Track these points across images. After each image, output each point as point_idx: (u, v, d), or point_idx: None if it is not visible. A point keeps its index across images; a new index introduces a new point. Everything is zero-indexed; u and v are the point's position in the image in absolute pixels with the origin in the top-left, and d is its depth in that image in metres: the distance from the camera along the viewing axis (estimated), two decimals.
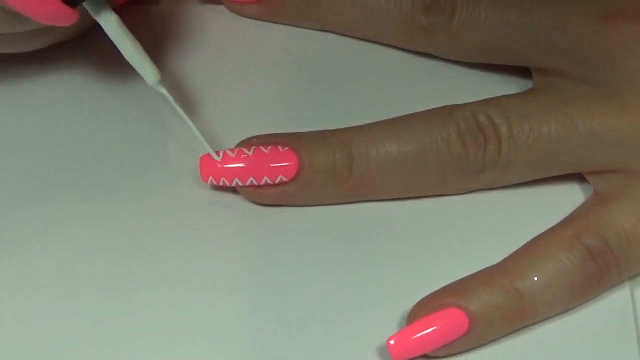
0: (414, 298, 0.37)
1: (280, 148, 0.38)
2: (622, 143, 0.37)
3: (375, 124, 0.39)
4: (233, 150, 0.38)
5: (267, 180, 0.38)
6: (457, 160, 0.38)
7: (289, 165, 0.38)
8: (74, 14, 0.35)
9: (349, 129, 0.39)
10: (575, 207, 0.39)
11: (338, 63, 0.43)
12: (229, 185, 0.38)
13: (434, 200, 0.39)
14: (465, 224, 0.39)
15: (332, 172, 0.38)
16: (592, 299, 0.37)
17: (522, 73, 0.41)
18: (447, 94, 0.40)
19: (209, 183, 0.39)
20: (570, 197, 0.39)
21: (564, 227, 0.38)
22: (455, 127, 0.38)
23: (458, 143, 0.38)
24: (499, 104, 0.38)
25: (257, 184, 0.38)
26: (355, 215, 0.39)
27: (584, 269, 0.36)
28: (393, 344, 0.36)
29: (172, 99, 0.38)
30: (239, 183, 0.38)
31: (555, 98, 0.38)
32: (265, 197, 0.39)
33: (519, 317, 0.36)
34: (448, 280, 0.37)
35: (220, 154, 0.38)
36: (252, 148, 0.38)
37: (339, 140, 0.38)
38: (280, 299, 0.37)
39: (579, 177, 0.39)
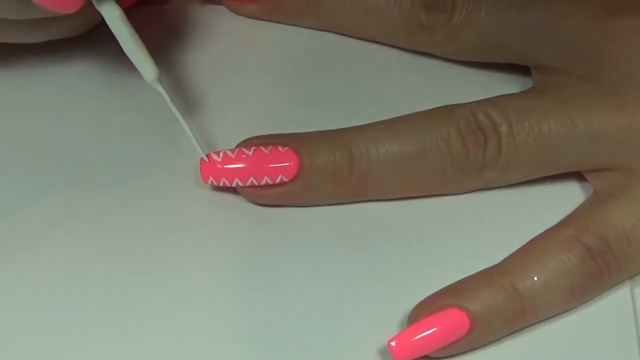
0: (415, 298, 0.37)
1: (281, 148, 0.38)
2: (622, 141, 0.37)
3: (375, 124, 0.39)
4: (233, 151, 0.38)
5: (267, 180, 0.38)
6: (457, 160, 0.38)
7: (289, 165, 0.38)
8: (80, 1, 0.35)
9: (349, 129, 0.39)
10: (575, 206, 0.39)
11: (338, 63, 0.43)
12: (229, 186, 0.38)
13: (434, 200, 0.39)
14: (465, 224, 0.39)
15: (332, 172, 0.38)
16: (592, 299, 0.37)
17: (521, 72, 0.41)
18: (447, 94, 0.40)
19: (209, 183, 0.39)
20: (570, 196, 0.39)
21: (564, 226, 0.38)
22: (455, 126, 0.38)
23: (458, 142, 0.38)
24: (499, 103, 0.38)
25: (257, 184, 0.38)
26: (355, 215, 0.39)
27: (584, 269, 0.36)
28: (394, 345, 0.35)
29: (168, 98, 0.38)
30: (239, 183, 0.38)
31: (555, 96, 0.38)
32: (266, 197, 0.39)
33: (519, 317, 0.36)
34: (448, 280, 0.37)
35: (220, 154, 0.38)
36: (252, 148, 0.38)
37: (339, 140, 0.38)
38: (281, 299, 0.37)
39: (579, 176, 0.39)
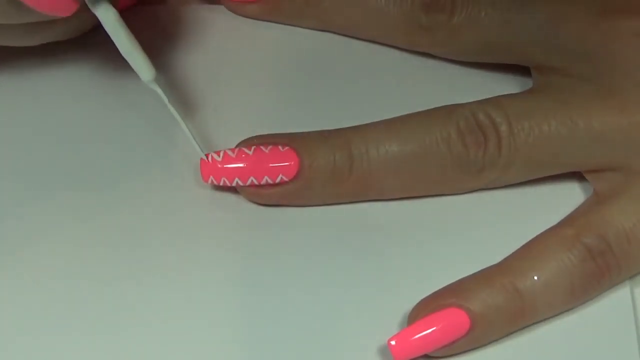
0: (415, 298, 0.37)
1: (281, 148, 0.38)
2: (622, 141, 0.37)
3: (375, 124, 0.39)
4: (233, 150, 0.38)
5: (267, 180, 0.38)
6: (457, 160, 0.38)
7: (289, 165, 0.38)
8: (74, 4, 0.35)
9: (349, 129, 0.39)
10: (575, 206, 0.39)
11: (338, 63, 0.43)
12: (230, 185, 0.38)
13: (434, 200, 0.39)
14: (465, 224, 0.39)
15: (332, 171, 0.38)
16: (592, 299, 0.37)
17: (521, 72, 0.41)
18: (447, 94, 0.40)
19: (209, 183, 0.39)
20: (570, 196, 0.39)
21: (564, 226, 0.38)
22: (455, 126, 0.38)
23: (458, 142, 0.38)
24: (499, 103, 0.38)
25: (257, 184, 0.38)
26: (355, 215, 0.39)
27: (584, 269, 0.36)
28: (394, 344, 0.36)
29: (165, 98, 0.38)
30: (240, 183, 0.38)
31: (555, 96, 0.38)
32: (266, 196, 0.39)
33: (519, 316, 0.36)
34: (448, 280, 0.37)
35: (221, 154, 0.38)
36: (252, 148, 0.38)
37: (339, 140, 0.38)
38: (281, 299, 0.37)
39: (579, 176, 0.40)
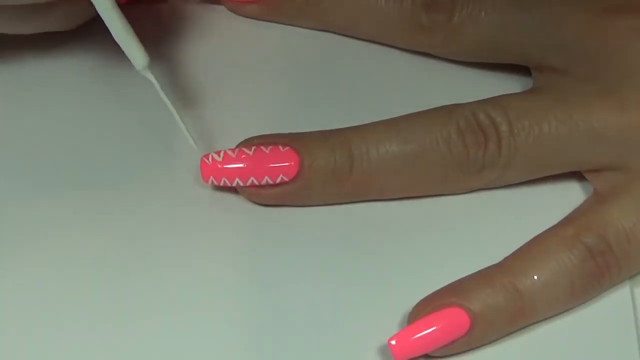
0: (415, 298, 0.37)
1: (281, 148, 0.38)
2: (622, 140, 0.37)
3: (375, 124, 0.39)
4: (233, 150, 0.38)
5: (267, 180, 0.38)
6: (457, 159, 0.38)
7: (290, 165, 0.38)
8: None
9: (349, 129, 0.39)
10: (575, 206, 0.39)
11: (338, 63, 0.43)
12: (230, 185, 0.38)
13: (434, 200, 0.39)
14: (465, 224, 0.39)
15: (332, 171, 0.38)
16: (592, 299, 0.37)
17: (521, 72, 0.42)
18: (447, 94, 0.40)
19: (210, 183, 0.39)
20: (570, 196, 0.39)
21: (564, 226, 0.38)
22: (455, 126, 0.38)
23: (458, 142, 0.38)
24: (499, 103, 0.38)
25: (257, 184, 0.38)
26: (355, 215, 0.39)
27: (584, 268, 0.36)
28: (394, 344, 0.36)
29: (158, 86, 0.38)
30: (240, 183, 0.38)
31: (555, 96, 0.38)
32: (266, 197, 0.39)
33: (519, 316, 0.36)
34: (448, 280, 0.37)
35: (221, 154, 0.38)
36: (252, 148, 0.38)
37: (339, 140, 0.38)
38: (281, 299, 0.37)
39: (579, 176, 0.40)
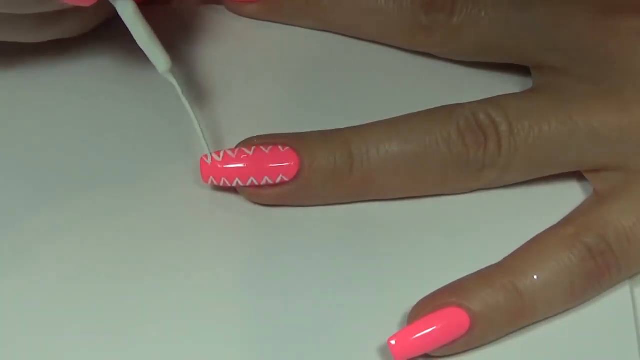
0: (415, 298, 0.37)
1: (281, 148, 0.38)
2: (622, 140, 0.37)
3: (375, 124, 0.39)
4: (233, 150, 0.38)
5: (267, 180, 0.38)
6: (457, 159, 0.38)
7: (290, 165, 0.38)
8: None
9: (349, 129, 0.39)
10: (575, 206, 0.39)
11: (338, 63, 0.43)
12: (230, 185, 0.38)
13: (434, 200, 0.39)
14: (465, 224, 0.39)
15: (332, 171, 0.38)
16: (591, 299, 0.37)
17: (522, 72, 0.41)
18: (447, 94, 0.40)
19: (209, 183, 0.39)
20: (570, 196, 0.39)
21: (564, 226, 0.38)
22: (455, 126, 0.38)
23: (458, 142, 0.38)
24: (499, 103, 0.38)
25: (257, 184, 0.38)
26: (355, 215, 0.39)
27: (584, 268, 0.36)
28: (394, 344, 0.35)
29: (180, 91, 0.38)
30: (240, 183, 0.38)
31: (555, 96, 0.38)
32: (266, 197, 0.39)
33: (519, 316, 0.36)
34: (448, 280, 0.37)
35: (221, 154, 0.38)
36: (252, 148, 0.38)
37: (339, 140, 0.38)
38: (281, 299, 0.37)
39: (579, 176, 0.40)
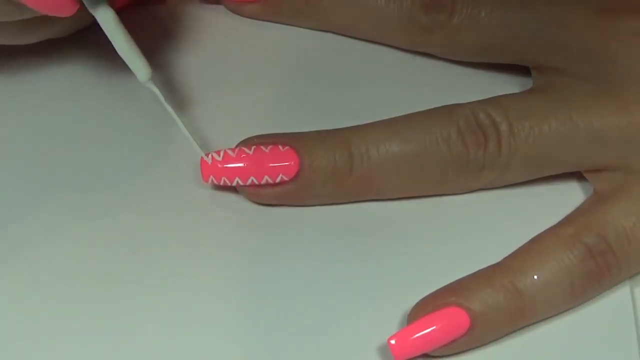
0: (415, 298, 0.37)
1: (281, 147, 0.38)
2: (622, 140, 0.37)
3: (375, 123, 0.39)
4: (233, 150, 0.38)
5: (267, 180, 0.38)
6: (457, 159, 0.38)
7: (290, 165, 0.38)
8: (75, 4, 0.35)
9: (349, 128, 0.39)
10: (575, 206, 0.39)
11: (338, 63, 0.43)
12: (230, 185, 0.38)
13: (434, 200, 0.39)
14: (465, 224, 0.39)
15: (332, 171, 0.38)
16: (592, 299, 0.37)
17: (522, 72, 0.41)
18: (447, 94, 0.40)
19: (210, 183, 0.39)
20: (570, 196, 0.39)
21: (564, 226, 0.38)
22: (455, 126, 0.38)
23: (458, 142, 0.38)
24: (499, 103, 0.38)
25: (257, 184, 0.38)
26: (355, 215, 0.39)
27: (584, 268, 0.36)
28: (394, 344, 0.36)
29: (162, 98, 0.38)
30: (240, 182, 0.38)
31: (555, 96, 0.38)
32: (266, 196, 0.39)
33: (519, 316, 0.36)
34: (448, 280, 0.37)
35: (221, 154, 0.38)
36: (252, 147, 0.38)
37: (339, 140, 0.38)
38: (281, 299, 0.37)
39: (579, 176, 0.40)
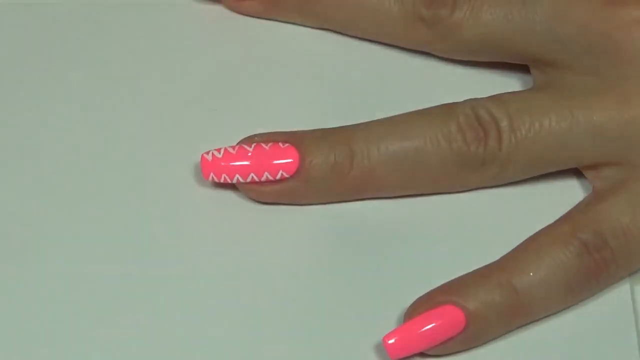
0: (412, 297, 0.37)
1: (281, 145, 0.38)
2: (622, 135, 0.37)
3: (376, 121, 0.39)
4: (234, 147, 0.38)
5: (267, 176, 0.38)
6: (457, 155, 0.38)
7: (290, 162, 0.38)
8: None
9: (349, 126, 0.39)
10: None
11: (338, 63, 0.42)
12: (230, 182, 0.38)
13: (434, 200, 0.39)
14: (465, 224, 0.39)
15: (332, 167, 0.38)
16: (590, 296, 0.37)
17: (521, 72, 0.41)
18: (447, 94, 0.39)
19: (210, 179, 0.39)
20: (570, 196, 0.39)
21: (560, 223, 0.38)
22: (456, 122, 0.38)
23: (458, 138, 0.38)
24: (499, 100, 0.38)
25: (257, 180, 0.38)
26: (355, 215, 0.39)
27: (580, 264, 0.36)
28: (390, 343, 0.35)
29: None
30: (240, 179, 0.38)
31: (556, 93, 0.38)
32: (266, 194, 0.39)
33: (516, 314, 0.36)
34: (446, 280, 0.37)
35: (221, 151, 0.38)
36: (252, 145, 0.38)
37: (339, 137, 0.38)
38: (279, 298, 0.37)
39: (578, 175, 0.40)
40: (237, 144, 0.39)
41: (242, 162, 0.38)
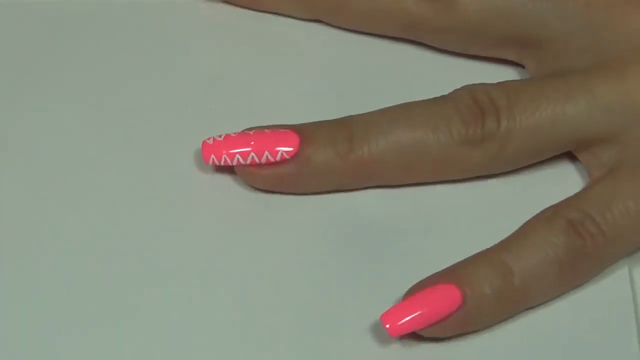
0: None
1: (282, 130, 0.39)
2: (620, 109, 0.38)
3: (376, 110, 0.39)
4: (234, 133, 0.39)
5: (268, 157, 0.38)
6: (456, 135, 0.38)
7: (290, 143, 0.38)
8: None
9: (349, 116, 0.39)
10: None
11: (338, 60, 0.43)
12: (230, 164, 0.38)
13: (433, 196, 0.40)
14: (464, 220, 0.39)
15: (332, 150, 0.38)
16: (586, 279, 0.38)
17: (518, 67, 0.42)
18: (445, 89, 0.40)
19: (210, 162, 0.39)
20: (570, 192, 0.39)
21: (548, 208, 0.38)
22: (454, 105, 0.38)
23: (457, 120, 0.38)
24: (498, 84, 0.39)
25: (257, 161, 0.38)
26: (354, 211, 0.39)
27: (567, 240, 0.37)
28: (387, 319, 0.36)
29: None
30: (240, 160, 0.38)
31: (554, 75, 0.39)
32: (266, 178, 0.39)
33: (512, 295, 0.36)
34: None
35: (222, 136, 0.38)
36: (252, 131, 0.39)
37: (340, 123, 0.39)
38: (278, 291, 0.38)
39: (578, 171, 0.40)
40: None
41: (242, 145, 0.38)
